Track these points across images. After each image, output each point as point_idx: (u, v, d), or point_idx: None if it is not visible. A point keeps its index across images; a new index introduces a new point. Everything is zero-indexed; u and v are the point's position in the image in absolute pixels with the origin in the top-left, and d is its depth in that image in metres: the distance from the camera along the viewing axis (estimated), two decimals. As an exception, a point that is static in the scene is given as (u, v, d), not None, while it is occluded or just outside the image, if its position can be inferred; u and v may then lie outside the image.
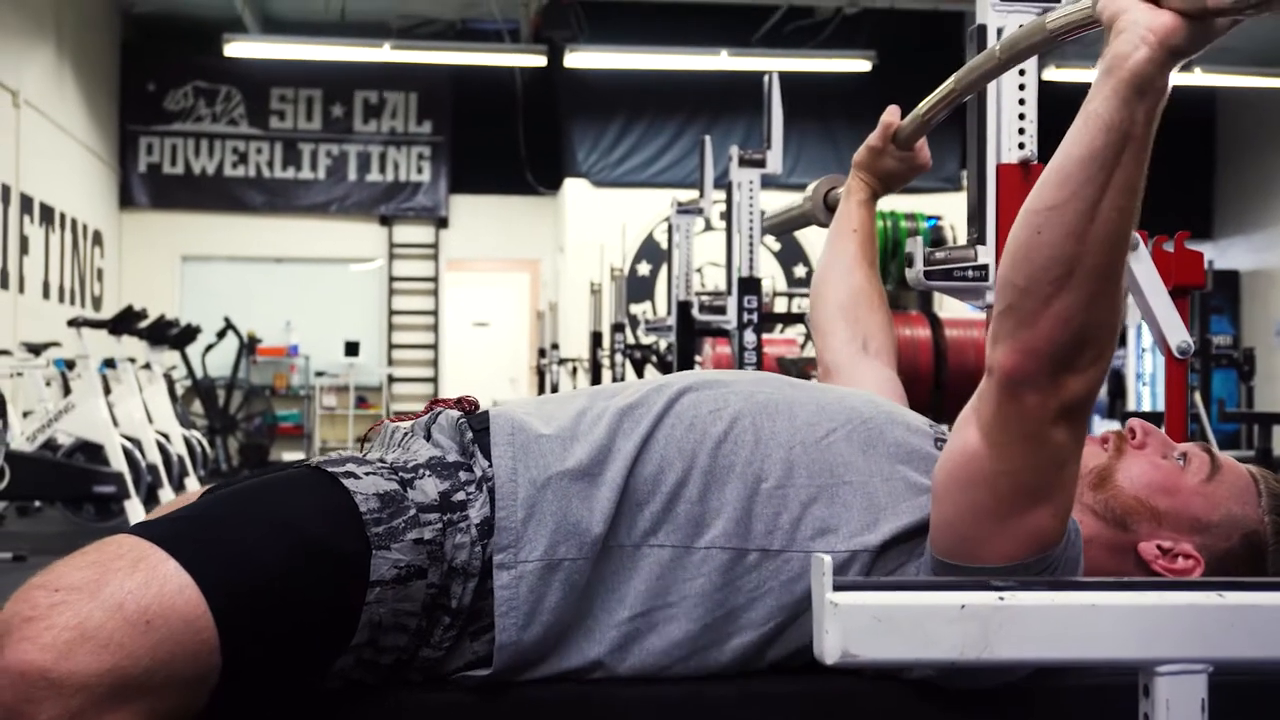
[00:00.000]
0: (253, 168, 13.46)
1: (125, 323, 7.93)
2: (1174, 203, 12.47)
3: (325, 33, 12.04)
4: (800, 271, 12.69)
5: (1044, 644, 0.96)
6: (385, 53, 11.55)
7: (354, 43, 11.82)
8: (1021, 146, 2.03)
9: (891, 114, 2.04)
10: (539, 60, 11.94)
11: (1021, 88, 2.04)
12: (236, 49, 11.55)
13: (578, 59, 11.52)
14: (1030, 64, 2.02)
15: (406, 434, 1.51)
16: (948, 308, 8.14)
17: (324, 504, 1.32)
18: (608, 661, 1.39)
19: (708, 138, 4.91)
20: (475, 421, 1.47)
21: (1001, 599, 0.96)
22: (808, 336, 6.06)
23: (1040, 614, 0.96)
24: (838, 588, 0.94)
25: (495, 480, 1.39)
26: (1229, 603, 0.97)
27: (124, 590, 1.18)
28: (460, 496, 1.37)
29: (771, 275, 12.15)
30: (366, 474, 1.36)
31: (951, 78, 1.78)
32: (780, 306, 10.80)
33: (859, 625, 0.94)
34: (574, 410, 1.47)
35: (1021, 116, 2.04)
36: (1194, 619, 0.97)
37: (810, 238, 12.52)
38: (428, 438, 1.47)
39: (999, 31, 2.04)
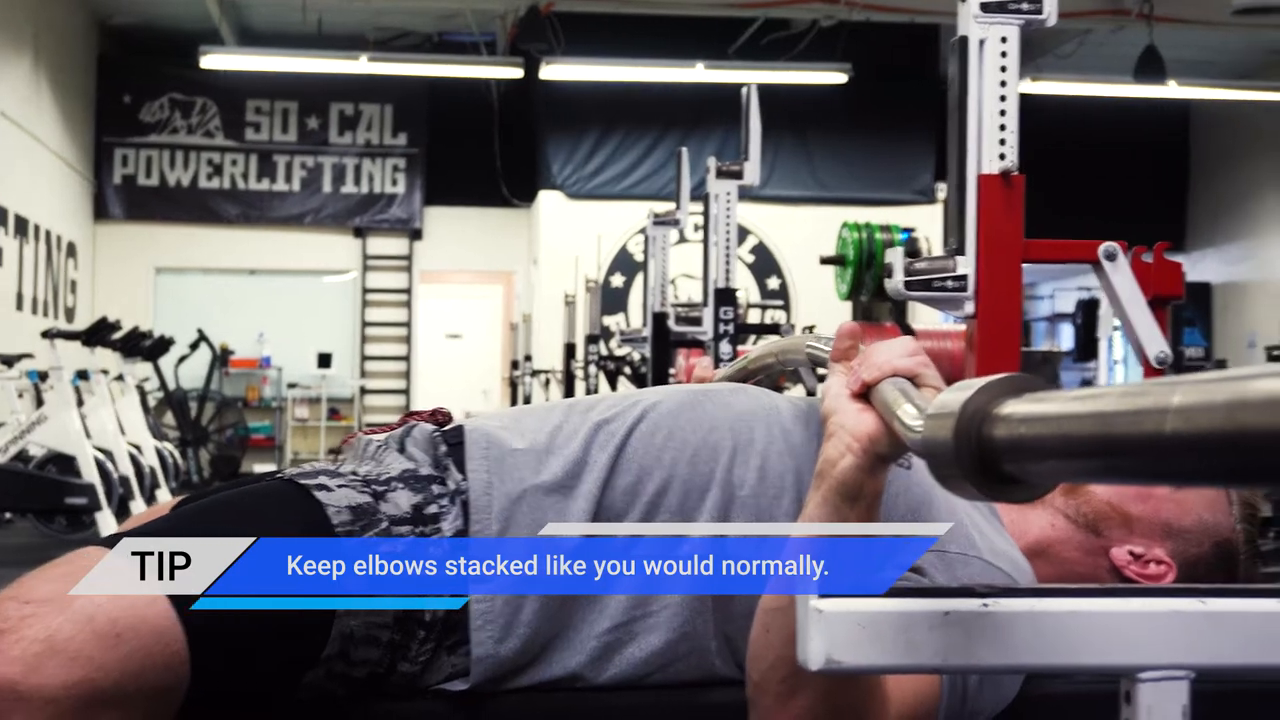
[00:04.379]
0: (227, 179, 13.42)
1: (99, 334, 7.90)
2: (1148, 214, 12.56)
3: (301, 45, 12.01)
4: (774, 283, 12.71)
5: (1027, 651, 0.96)
6: (361, 65, 11.53)
7: (330, 55, 11.79)
8: (1002, 157, 2.04)
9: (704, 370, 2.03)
10: (515, 72, 11.93)
11: (1003, 99, 2.05)
12: (213, 61, 11.50)
13: (554, 71, 11.52)
14: (1011, 74, 2.03)
15: (380, 447, 1.50)
16: (921, 318, 8.17)
17: (295, 515, 1.31)
18: (587, 673, 1.38)
19: (684, 149, 4.92)
20: (449, 435, 1.46)
21: (985, 605, 0.95)
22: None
23: (1024, 620, 0.95)
24: (822, 594, 0.94)
25: (470, 494, 1.38)
26: (1211, 609, 0.97)
27: (94, 603, 1.16)
28: (433, 509, 1.37)
29: (745, 287, 12.17)
30: (339, 486, 1.36)
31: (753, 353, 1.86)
32: (754, 318, 10.82)
33: (843, 632, 0.93)
34: (550, 425, 1.47)
35: (1002, 128, 2.05)
36: (1177, 626, 0.97)
37: (783, 249, 12.55)
38: (401, 451, 1.47)
39: (981, 43, 2.05)
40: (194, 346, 12.53)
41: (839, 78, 11.50)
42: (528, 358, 11.51)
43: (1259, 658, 0.98)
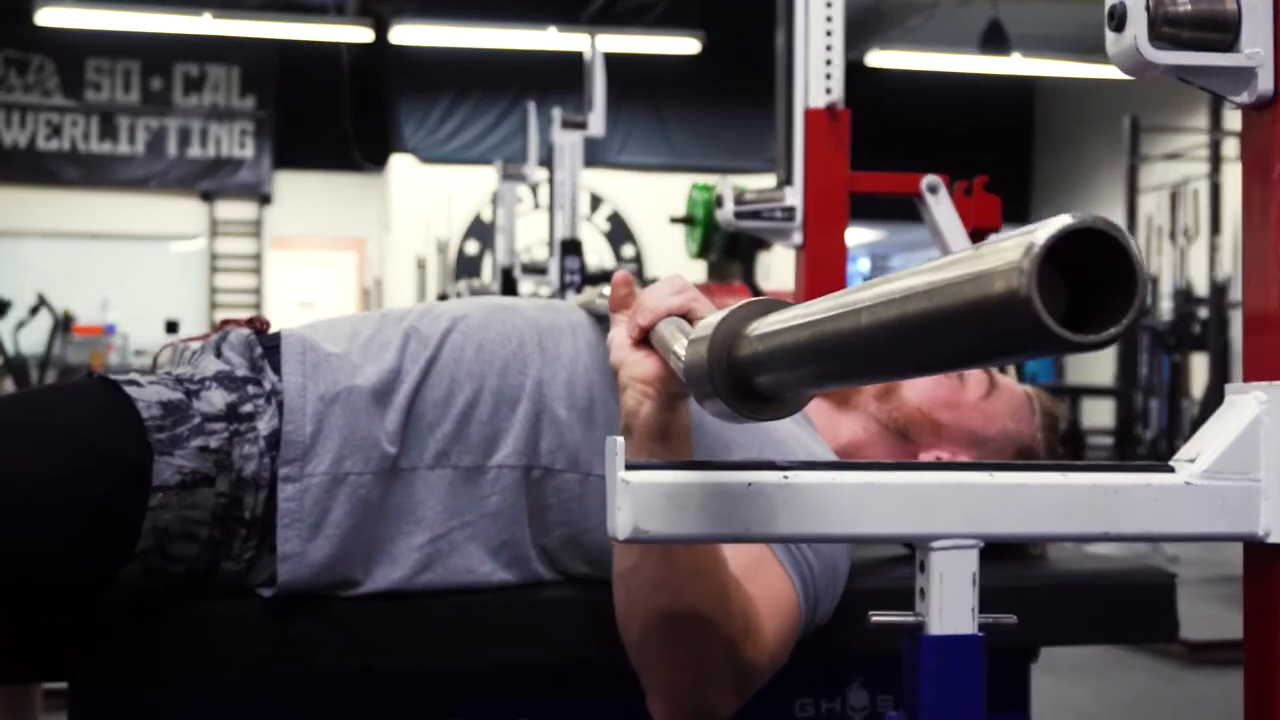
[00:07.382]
0: (67, 141, 13.05)
1: (-71, 295, 7.67)
2: (993, 185, 12.81)
3: (143, 1, 11.70)
4: (628, 251, 12.75)
5: (825, 520, 1.00)
6: (206, 23, 11.28)
7: (173, 12, 11.50)
8: (829, 92, 2.09)
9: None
10: (365, 35, 11.77)
11: (829, 34, 2.10)
12: (49, 16, 11.16)
13: (405, 34, 11.40)
14: (837, 10, 2.09)
15: (196, 352, 1.51)
16: (772, 278, 8.28)
17: (103, 410, 1.31)
18: (409, 587, 1.40)
19: (532, 104, 4.92)
20: (266, 340, 1.47)
21: (786, 478, 0.99)
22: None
23: (823, 491, 0.99)
24: (629, 467, 0.97)
25: (285, 395, 1.39)
26: (999, 482, 1.02)
27: None
28: (248, 408, 1.37)
29: (599, 253, 12.20)
30: (150, 383, 1.36)
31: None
32: (608, 285, 10.88)
33: (650, 502, 0.96)
34: (365, 334, 1.49)
35: (829, 63, 2.10)
36: (967, 496, 1.01)
37: (638, 217, 12.60)
38: (218, 355, 1.47)
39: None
40: (34, 312, 12.18)
41: (692, 46, 11.55)
42: (380, 323, 11.39)
43: (1041, 527, 1.03)
